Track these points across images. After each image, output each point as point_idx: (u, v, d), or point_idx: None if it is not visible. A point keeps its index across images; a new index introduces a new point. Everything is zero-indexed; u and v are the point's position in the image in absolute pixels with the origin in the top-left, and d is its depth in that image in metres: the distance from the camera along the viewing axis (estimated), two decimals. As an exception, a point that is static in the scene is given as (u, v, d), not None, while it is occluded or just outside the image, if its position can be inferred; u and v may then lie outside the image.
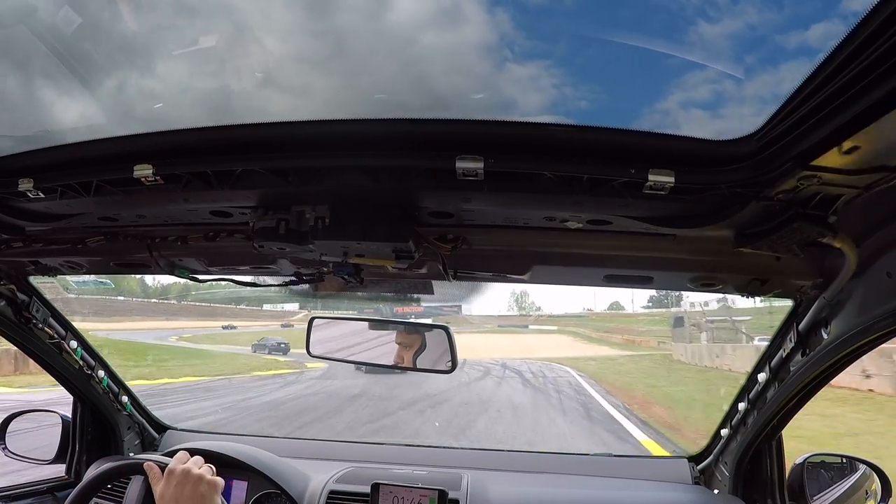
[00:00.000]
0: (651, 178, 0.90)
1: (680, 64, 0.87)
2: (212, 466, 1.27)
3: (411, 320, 1.90)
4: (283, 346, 28.25)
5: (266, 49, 0.93)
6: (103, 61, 0.98)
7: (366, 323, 1.96)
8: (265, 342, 29.11)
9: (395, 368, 1.89)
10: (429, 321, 1.91)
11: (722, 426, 1.92)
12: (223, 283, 1.58)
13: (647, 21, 0.87)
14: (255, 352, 28.36)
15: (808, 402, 1.51)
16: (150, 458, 1.37)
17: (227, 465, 1.89)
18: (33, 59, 0.97)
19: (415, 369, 1.84)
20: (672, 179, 0.90)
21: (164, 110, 1.04)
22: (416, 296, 1.71)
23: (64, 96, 1.04)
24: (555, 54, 0.89)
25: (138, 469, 1.57)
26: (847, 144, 0.77)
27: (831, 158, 0.81)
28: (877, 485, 1.81)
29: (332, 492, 1.84)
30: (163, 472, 1.27)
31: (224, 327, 45.43)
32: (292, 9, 0.91)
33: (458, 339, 1.72)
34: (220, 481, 1.25)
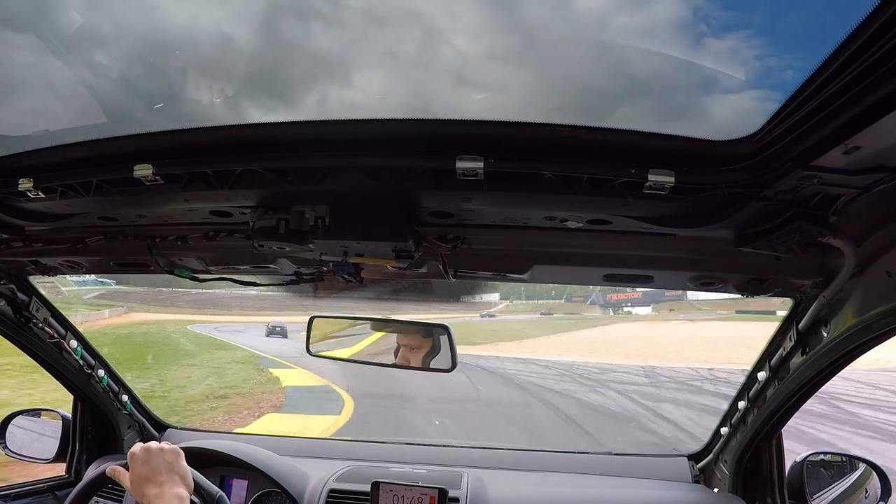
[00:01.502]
0: (651, 177, 0.90)
1: (680, 64, 0.86)
2: (168, 443, 1.29)
3: (412, 319, 1.90)
4: (279, 329, 27.18)
5: (458, 49, 0.93)
6: (302, 78, 1.01)
7: (366, 322, 1.96)
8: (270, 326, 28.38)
9: (395, 368, 1.89)
10: (432, 319, 1.92)
11: (722, 424, 1.92)
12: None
13: (647, 20, 0.87)
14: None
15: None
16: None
17: (227, 464, 1.89)
18: (240, 82, 1.02)
19: (415, 368, 1.84)
20: (672, 179, 0.90)
21: (163, 110, 1.04)
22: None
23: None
24: (754, 23, 0.85)
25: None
26: (847, 145, 0.77)
27: (831, 159, 0.81)
28: (876, 484, 1.81)
29: (332, 490, 1.84)
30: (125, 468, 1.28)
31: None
32: (478, 7, 0.91)
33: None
34: (179, 448, 1.27)
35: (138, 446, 1.28)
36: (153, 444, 1.28)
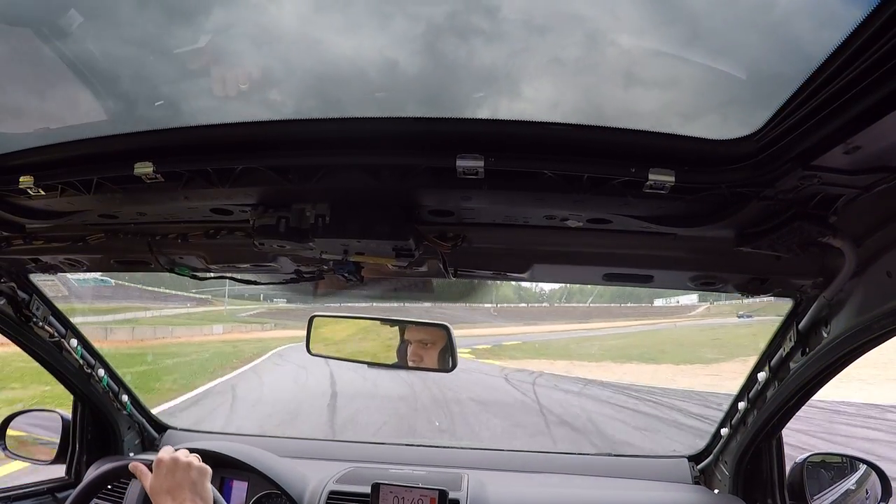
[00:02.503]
0: (651, 177, 0.90)
1: (681, 63, 0.86)
2: (198, 456, 1.27)
3: (412, 319, 1.90)
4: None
5: (623, 49, 0.91)
6: (469, 96, 1.01)
7: (366, 322, 1.96)
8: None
9: (395, 368, 1.89)
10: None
11: (722, 425, 1.92)
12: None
13: (647, 19, 0.87)
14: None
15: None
16: (150, 459, 1.36)
17: (227, 466, 1.89)
18: (409, 104, 1.03)
19: (416, 368, 1.84)
20: (672, 179, 0.90)
21: (165, 108, 1.04)
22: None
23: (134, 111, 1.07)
24: (754, 23, 0.84)
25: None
26: (847, 144, 0.78)
27: (832, 158, 0.81)
28: (876, 484, 1.81)
29: (332, 492, 1.84)
30: (149, 468, 1.27)
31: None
32: (638, 2, 0.89)
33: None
34: (209, 468, 1.25)
35: (168, 452, 1.25)
36: (182, 454, 1.25)
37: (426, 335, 1.84)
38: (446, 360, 1.78)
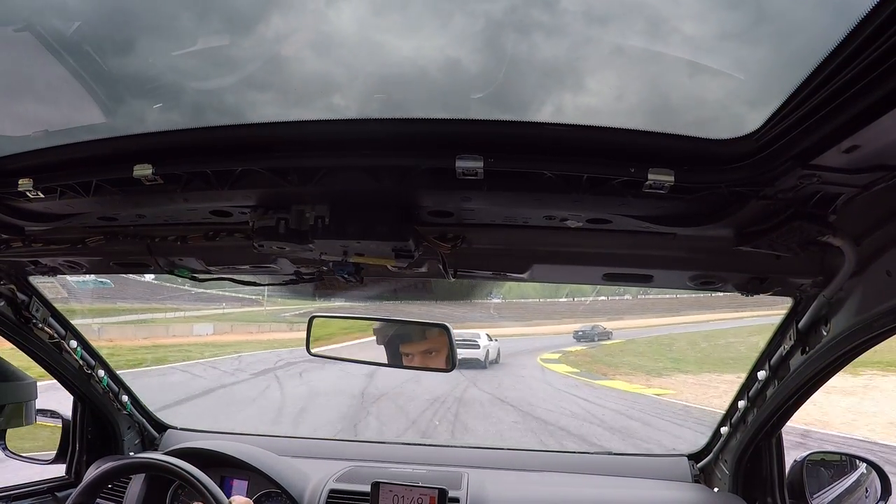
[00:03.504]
0: (651, 177, 0.90)
1: (680, 63, 0.86)
2: None
3: (411, 319, 1.91)
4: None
5: (686, 35, 0.89)
6: (535, 91, 1.00)
7: (366, 322, 1.96)
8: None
9: (395, 367, 1.89)
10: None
11: (722, 424, 1.92)
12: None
13: (646, 19, 0.87)
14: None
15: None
16: (152, 458, 1.36)
17: (227, 465, 1.89)
18: (473, 103, 1.01)
19: (415, 368, 1.84)
20: (672, 178, 0.90)
21: (164, 110, 1.04)
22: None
23: (134, 113, 1.07)
24: (754, 23, 0.83)
25: (138, 469, 1.58)
26: (846, 144, 0.77)
27: (831, 157, 0.81)
28: (876, 482, 1.81)
29: (332, 491, 1.84)
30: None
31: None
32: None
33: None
34: None
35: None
36: None
37: (426, 335, 1.84)
38: (446, 359, 1.78)
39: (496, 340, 21.12)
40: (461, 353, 17.89)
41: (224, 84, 1.02)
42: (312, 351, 1.91)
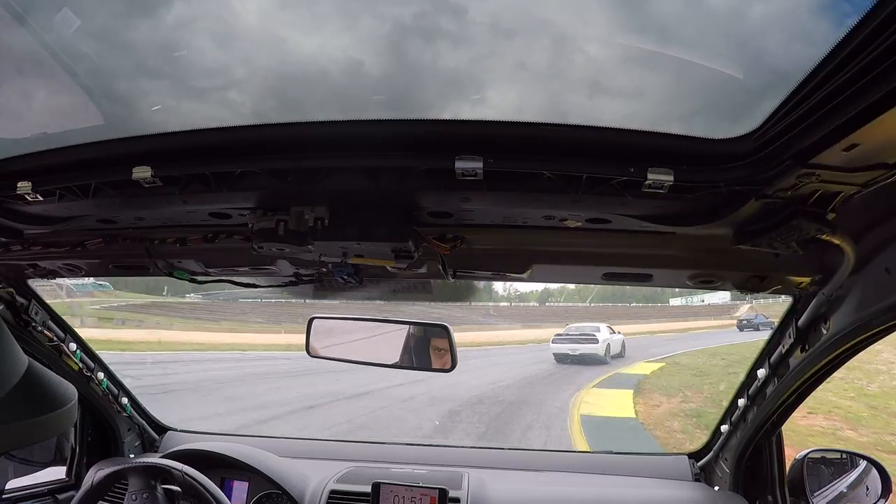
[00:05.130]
0: (650, 176, 0.90)
1: (679, 63, 0.86)
2: None
3: (411, 319, 1.90)
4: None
5: (590, 56, 0.91)
6: (434, 99, 1.00)
7: (366, 322, 1.96)
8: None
9: (396, 368, 1.89)
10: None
11: (722, 422, 1.92)
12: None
13: (646, 19, 0.87)
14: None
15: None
16: (153, 461, 1.36)
17: (227, 466, 1.89)
18: (373, 105, 1.01)
19: (416, 369, 1.84)
20: (671, 178, 0.90)
21: (163, 112, 1.04)
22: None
23: (132, 116, 1.04)
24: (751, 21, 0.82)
25: (139, 472, 1.58)
26: (845, 142, 0.77)
27: (830, 156, 0.81)
28: (876, 480, 1.81)
29: (332, 491, 1.84)
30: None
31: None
32: (607, 10, 0.88)
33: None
34: None
35: None
36: None
37: (427, 335, 1.84)
38: (446, 359, 1.78)
39: (619, 333, 19.60)
40: (579, 349, 17.02)
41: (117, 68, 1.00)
42: (312, 353, 1.90)
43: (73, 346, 1.89)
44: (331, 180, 1.03)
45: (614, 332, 19.31)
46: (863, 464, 1.91)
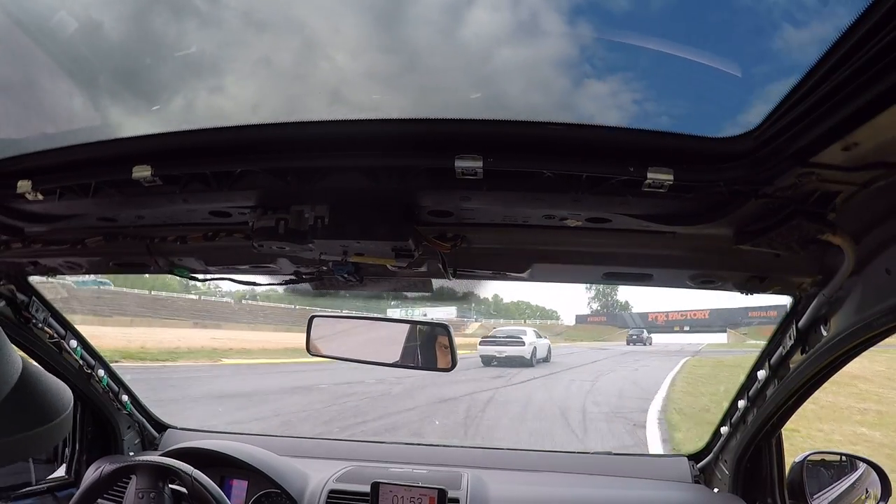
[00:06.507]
0: (650, 175, 0.90)
1: (677, 61, 0.86)
2: None
3: (411, 318, 1.90)
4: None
5: (337, 65, 0.90)
6: (170, 79, 0.96)
7: (366, 321, 1.96)
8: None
9: (395, 367, 1.89)
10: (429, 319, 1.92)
11: (721, 424, 1.92)
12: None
13: (644, 18, 0.87)
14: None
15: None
16: (153, 459, 1.36)
17: (227, 465, 1.89)
18: (107, 74, 0.97)
19: (416, 368, 1.84)
20: (671, 177, 0.90)
21: (162, 111, 1.04)
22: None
23: (132, 115, 1.03)
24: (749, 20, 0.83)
25: (139, 470, 1.58)
26: (846, 141, 0.77)
27: (830, 155, 0.81)
28: (876, 483, 1.81)
29: (332, 491, 1.84)
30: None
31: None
32: (362, 23, 0.88)
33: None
34: None
35: None
36: None
37: (427, 334, 1.84)
38: (446, 359, 1.78)
39: (545, 338, 20.43)
40: (506, 351, 17.19)
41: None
42: (312, 351, 1.91)
43: (73, 343, 1.89)
44: (331, 179, 1.03)
45: (541, 337, 19.96)
46: (862, 467, 1.90)
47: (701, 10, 0.84)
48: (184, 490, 1.59)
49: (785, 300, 1.42)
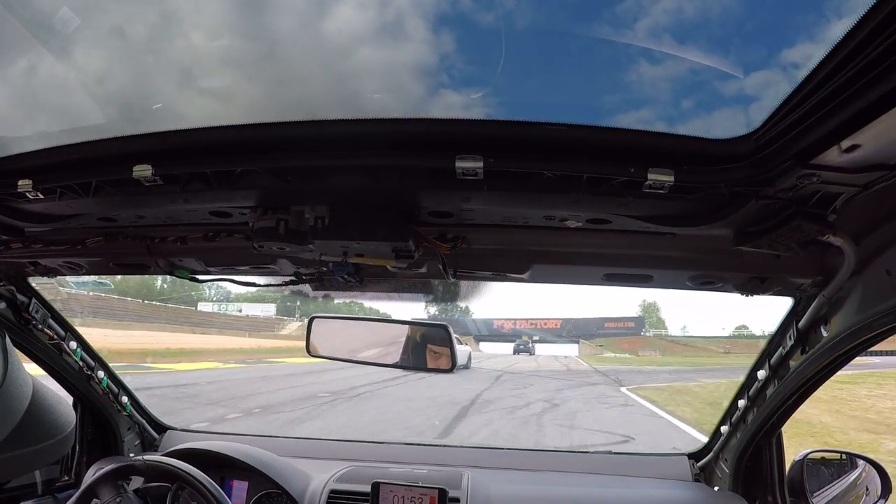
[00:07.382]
0: (650, 177, 0.90)
1: (678, 63, 0.86)
2: None
3: (411, 319, 1.90)
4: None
5: (192, 45, 0.87)
6: (15, 40, 0.90)
7: (366, 322, 1.96)
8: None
9: (395, 367, 1.89)
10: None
11: (722, 423, 1.92)
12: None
13: (645, 19, 0.87)
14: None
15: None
16: (153, 459, 1.36)
17: (227, 466, 1.89)
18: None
19: (415, 368, 1.84)
20: (671, 178, 0.90)
21: (164, 110, 1.04)
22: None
23: (133, 114, 1.01)
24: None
25: (139, 471, 1.58)
26: (846, 143, 0.77)
27: (831, 157, 0.81)
28: (876, 481, 1.81)
29: (332, 491, 1.84)
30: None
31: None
32: (225, 5, 0.86)
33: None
34: None
35: None
36: None
37: (426, 335, 1.84)
38: (446, 359, 1.78)
39: (465, 345, 20.34)
40: None
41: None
42: (312, 352, 1.91)
43: (73, 344, 1.89)
44: (331, 179, 1.03)
45: (461, 343, 19.99)
46: (862, 464, 1.90)
47: (703, 12, 0.84)
48: (184, 491, 1.59)
49: (785, 301, 1.43)
